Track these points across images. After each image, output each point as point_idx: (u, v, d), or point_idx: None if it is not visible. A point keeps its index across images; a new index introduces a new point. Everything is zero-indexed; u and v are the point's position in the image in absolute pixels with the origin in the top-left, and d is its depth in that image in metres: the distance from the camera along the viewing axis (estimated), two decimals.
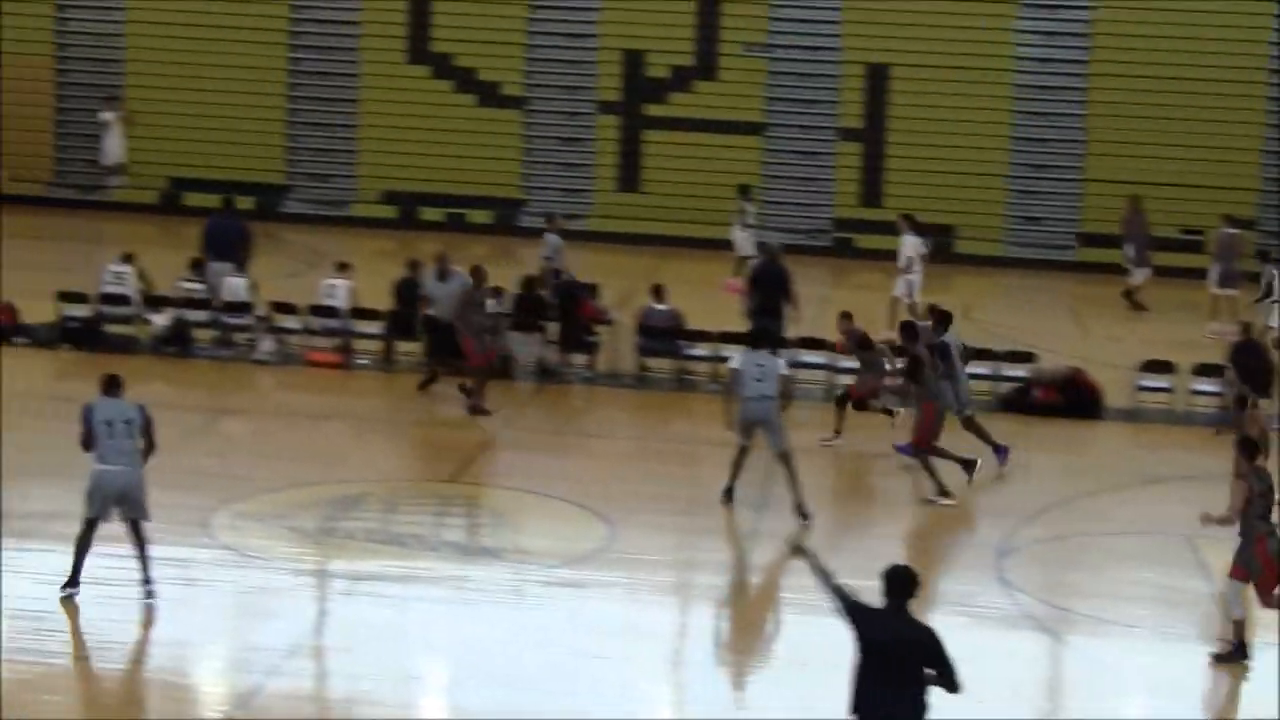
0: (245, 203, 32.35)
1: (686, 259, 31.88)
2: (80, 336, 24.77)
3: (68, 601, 15.45)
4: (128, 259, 25.70)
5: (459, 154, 36.65)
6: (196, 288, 25.33)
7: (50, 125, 37.74)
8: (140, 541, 15.58)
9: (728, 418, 18.79)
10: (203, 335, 25.02)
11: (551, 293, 25.30)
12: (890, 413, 21.69)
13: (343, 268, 25.68)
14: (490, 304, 23.10)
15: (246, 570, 16.56)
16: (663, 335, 24.50)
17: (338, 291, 25.12)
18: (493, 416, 21.72)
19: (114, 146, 36.53)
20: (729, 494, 18.78)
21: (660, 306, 24.71)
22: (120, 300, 25.17)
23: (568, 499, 19.09)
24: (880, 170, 35.43)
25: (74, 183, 37.03)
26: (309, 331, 24.93)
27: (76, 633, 15.30)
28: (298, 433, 21.43)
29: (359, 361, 24.60)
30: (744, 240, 30.55)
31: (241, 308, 24.88)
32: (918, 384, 19.81)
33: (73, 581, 15.49)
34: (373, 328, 24.69)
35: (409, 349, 24.35)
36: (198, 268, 25.83)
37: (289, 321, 25.05)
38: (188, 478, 18.91)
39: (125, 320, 25.21)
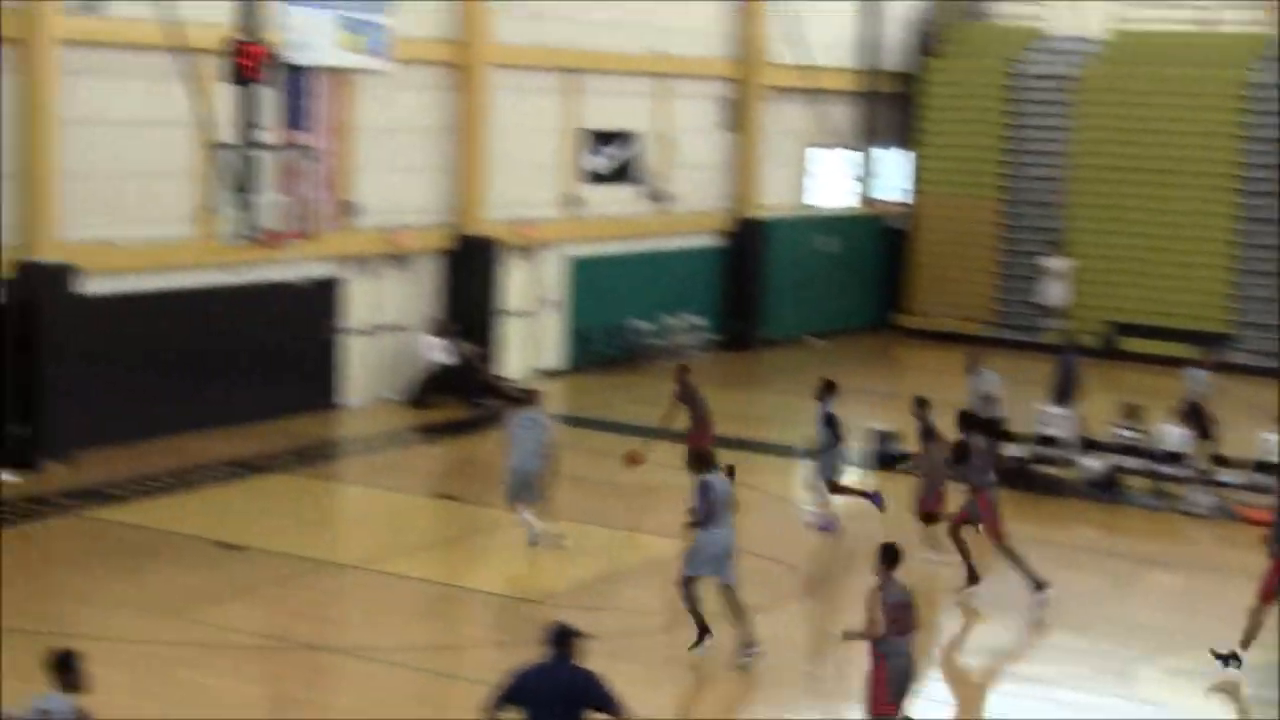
0: (1185, 350, 32.19)
1: None
2: (1013, 476, 25.47)
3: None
4: (1059, 399, 26.18)
5: None
6: (1131, 435, 25.50)
7: (994, 267, 39.19)
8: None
9: None
10: (1136, 483, 25.15)
11: None
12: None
13: None
14: None
15: None
16: None
17: (1276, 447, 24.64)
18: None
19: (1055, 290, 37.44)
20: None
21: None
22: (1055, 442, 25.74)
23: None
24: None
25: (1014, 323, 38.18)
26: (1246, 487, 24.55)
27: None
28: (1227, 591, 21.09)
29: None
30: None
31: (1177, 458, 24.83)
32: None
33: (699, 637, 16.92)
34: None
35: None
36: (1132, 414, 26.03)
37: (1227, 475, 24.80)
38: (1111, 626, 19.19)
39: (1058, 462, 25.74)
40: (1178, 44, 39.12)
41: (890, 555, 13.78)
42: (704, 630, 17.10)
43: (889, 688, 13.62)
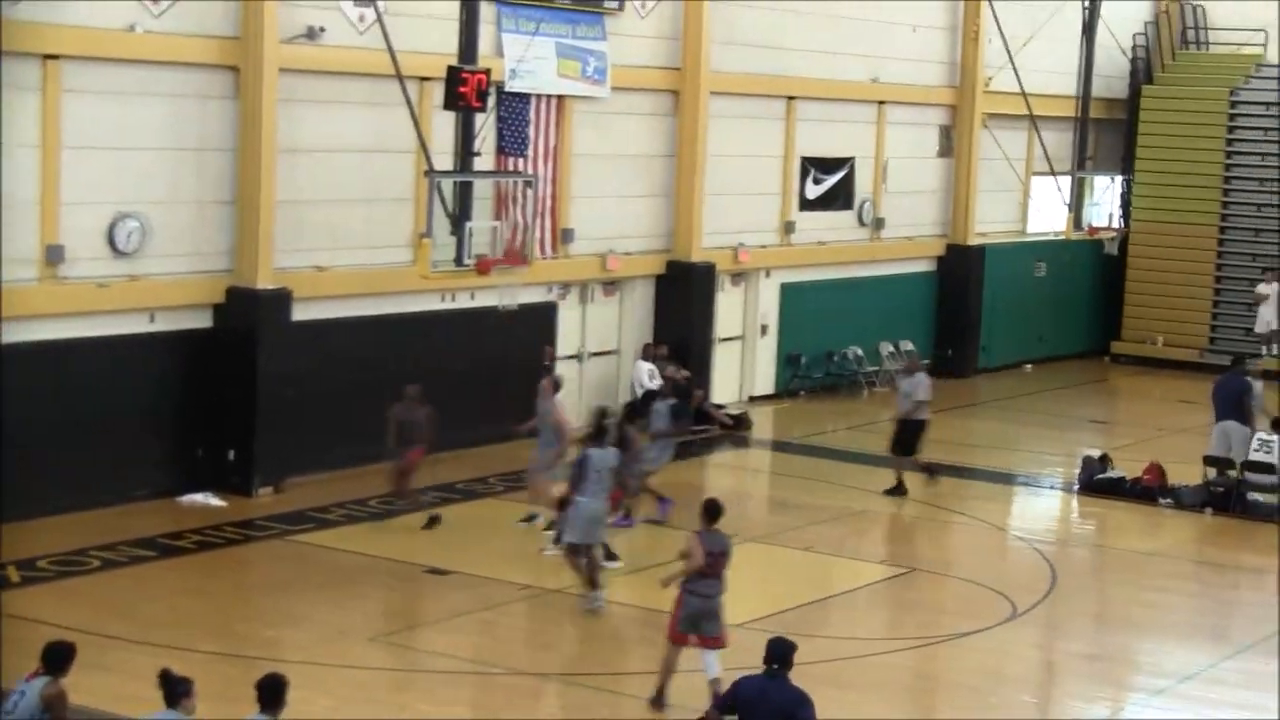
0: None
1: None
2: (1222, 501, 25.28)
3: None
4: (1277, 426, 25.95)
5: None
6: None
7: (1209, 293, 38.83)
8: None
9: None
10: None
11: None
12: None
13: None
14: None
15: None
16: None
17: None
18: None
19: (1269, 316, 36.96)
20: None
21: None
22: (1266, 468, 25.46)
23: None
24: None
25: (1227, 350, 37.72)
26: None
27: None
28: None
29: None
30: None
31: None
32: None
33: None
34: None
35: None
36: None
37: None
38: None
39: (1269, 489, 25.45)
40: None
41: (712, 509, 15.95)
42: (592, 585, 19.01)
43: (682, 618, 15.80)
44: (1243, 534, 24.40)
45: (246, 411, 23.43)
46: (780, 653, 11.78)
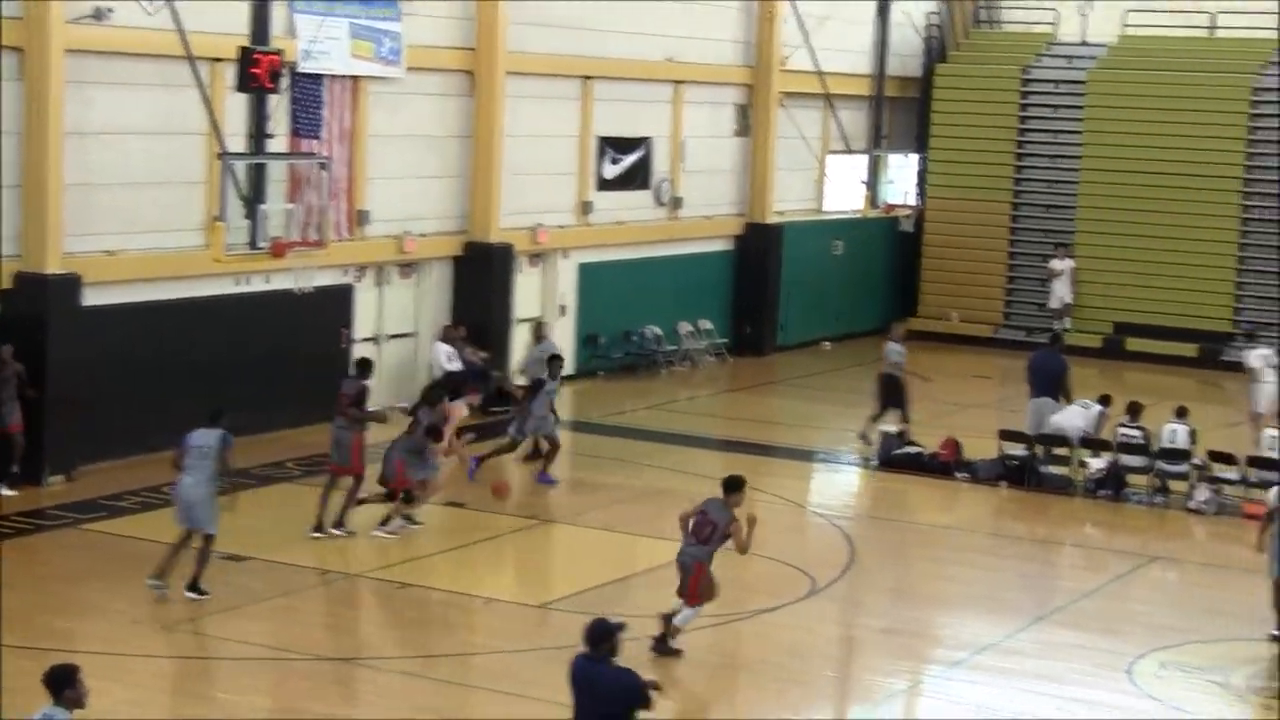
0: (1188, 350, 32.50)
1: None
2: (1017, 475, 25.74)
3: None
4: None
5: None
6: (1134, 434, 25.70)
7: (1003, 270, 39.54)
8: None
9: None
10: (1138, 481, 25.38)
11: None
12: None
13: None
14: None
15: None
16: None
17: (1278, 443, 24.88)
18: None
19: (1061, 291, 37.77)
20: None
21: None
22: (1060, 441, 25.95)
23: None
24: None
25: (1021, 325, 38.49)
26: (1246, 483, 24.78)
27: None
28: (1228, 586, 21.34)
29: None
30: None
31: (1179, 455, 25.04)
32: None
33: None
34: None
35: None
36: (1135, 413, 26.23)
37: (1227, 472, 25.01)
38: (1111, 622, 19.46)
39: (1063, 461, 25.96)
40: (1186, 49, 39.41)
41: (733, 483, 17.40)
42: (162, 573, 18.43)
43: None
44: (1037, 507, 24.87)
45: (36, 399, 22.83)
46: (598, 635, 11.73)
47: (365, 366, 22.92)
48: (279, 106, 25.25)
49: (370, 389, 22.50)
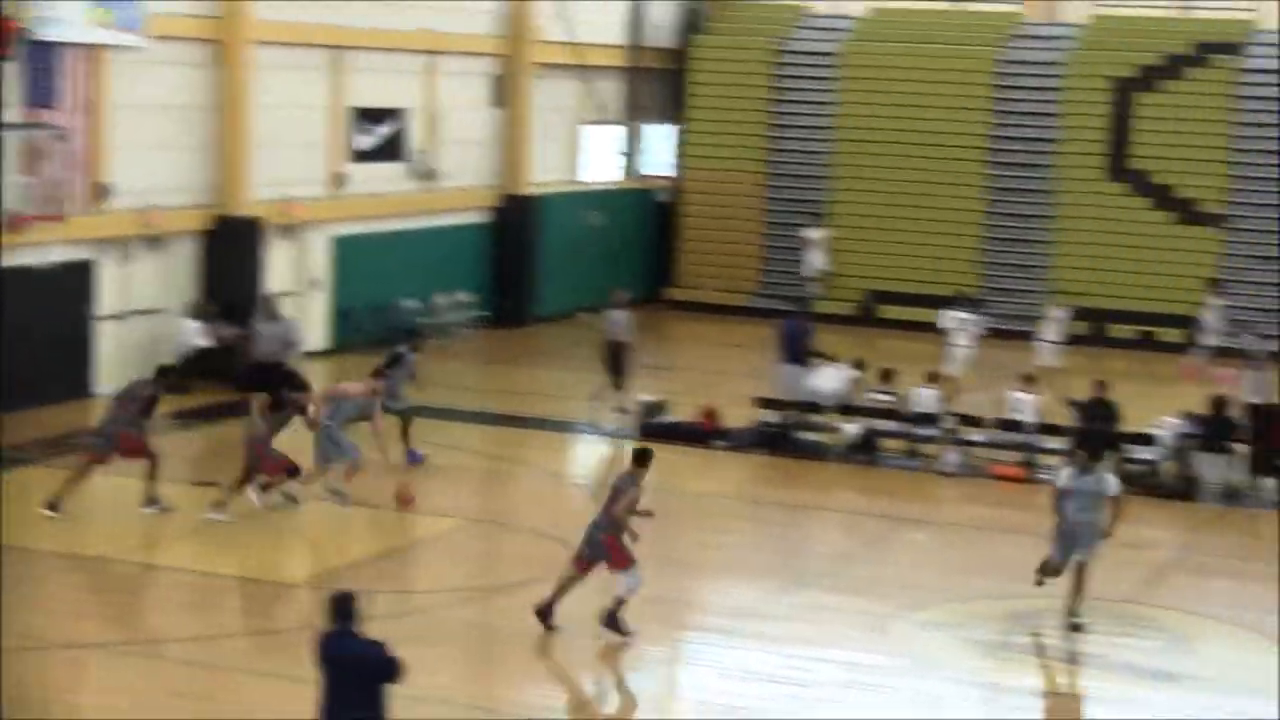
0: (930, 316, 32.98)
1: None
2: (775, 441, 25.91)
3: None
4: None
5: (1153, 270, 36.45)
6: (886, 398, 26.02)
7: (758, 239, 39.82)
8: None
9: None
10: (891, 445, 25.72)
11: (1244, 414, 24.72)
12: None
13: (1029, 381, 25.92)
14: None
15: (923, 679, 16.81)
16: None
17: (1024, 405, 25.35)
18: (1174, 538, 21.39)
19: (816, 259, 38.19)
20: None
21: None
22: (815, 408, 26.17)
23: (1250, 627, 18.61)
24: None
25: (776, 294, 38.78)
26: (994, 445, 25.24)
27: None
28: (979, 545, 21.68)
29: (1042, 476, 24.62)
30: None
31: (930, 419, 25.42)
32: None
33: None
34: (1058, 443, 24.72)
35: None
36: (887, 378, 26.55)
37: (975, 434, 25.45)
38: (868, 584, 19.66)
39: (818, 428, 26.19)
40: (934, 22, 40.11)
41: (641, 455, 17.68)
42: None
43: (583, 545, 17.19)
44: (795, 473, 25.05)
45: None
46: (343, 607, 11.47)
47: (166, 373, 22.09)
48: (9, 76, 24.34)
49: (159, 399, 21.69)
